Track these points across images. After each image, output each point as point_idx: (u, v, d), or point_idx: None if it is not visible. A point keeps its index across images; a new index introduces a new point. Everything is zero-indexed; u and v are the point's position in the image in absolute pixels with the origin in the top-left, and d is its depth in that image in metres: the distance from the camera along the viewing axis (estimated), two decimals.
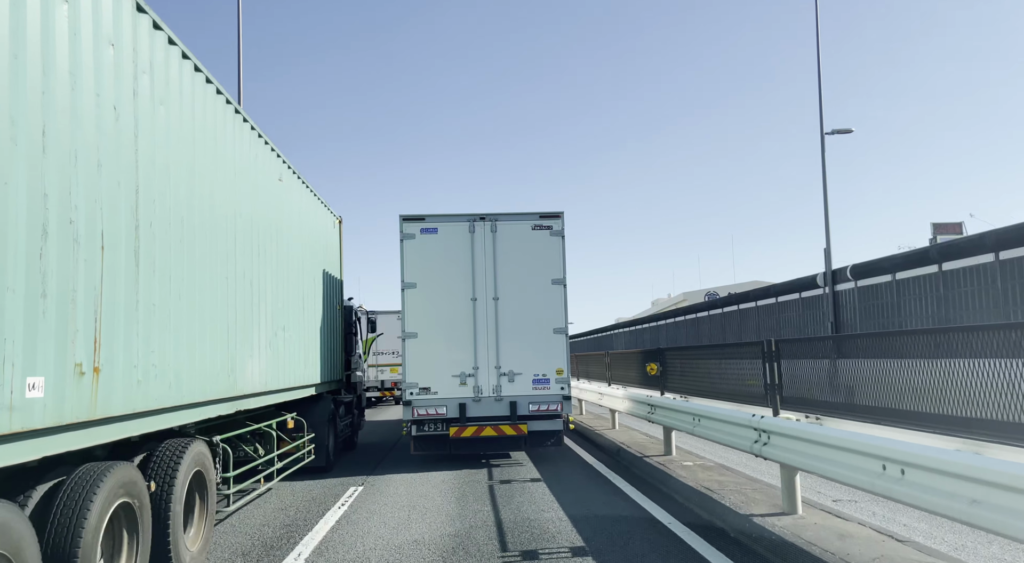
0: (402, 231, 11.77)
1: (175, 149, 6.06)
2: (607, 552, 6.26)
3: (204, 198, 6.72)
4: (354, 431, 14.61)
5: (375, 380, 25.90)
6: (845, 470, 5.27)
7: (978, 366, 4.56)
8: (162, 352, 5.63)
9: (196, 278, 6.42)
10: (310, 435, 10.93)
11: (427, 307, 11.66)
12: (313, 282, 11.41)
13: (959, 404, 4.73)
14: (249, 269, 8.07)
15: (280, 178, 9.68)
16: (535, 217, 11.83)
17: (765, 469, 9.76)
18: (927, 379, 5.29)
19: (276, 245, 9.27)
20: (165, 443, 6.03)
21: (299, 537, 7.22)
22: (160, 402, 5.59)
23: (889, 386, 5.51)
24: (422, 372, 11.53)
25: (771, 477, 9.12)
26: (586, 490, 9.24)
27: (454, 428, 11.32)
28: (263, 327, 8.55)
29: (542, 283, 11.68)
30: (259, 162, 8.69)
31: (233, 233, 7.55)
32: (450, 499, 8.89)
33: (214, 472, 7.04)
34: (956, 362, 4.77)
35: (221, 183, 7.24)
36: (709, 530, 6.87)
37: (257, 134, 8.65)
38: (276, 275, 9.20)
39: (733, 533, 6.68)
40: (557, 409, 11.46)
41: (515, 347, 11.62)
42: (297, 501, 9.08)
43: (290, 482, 10.44)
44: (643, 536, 6.74)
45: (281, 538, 7.24)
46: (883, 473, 4.72)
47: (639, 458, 10.74)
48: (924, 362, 5.71)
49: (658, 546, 6.41)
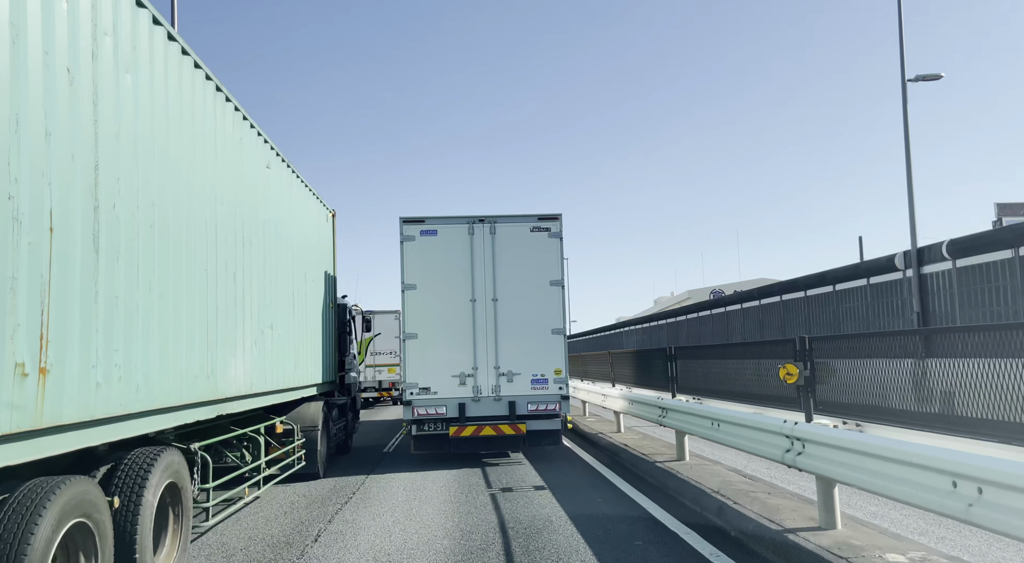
0: (402, 233, 11.80)
1: (144, 124, 5.41)
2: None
3: (180, 180, 6.07)
4: (348, 435, 13.96)
5: (373, 380, 25.65)
6: (904, 487, 4.61)
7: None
8: (128, 351, 4.98)
9: (170, 269, 5.77)
10: (300, 440, 10.28)
11: (427, 308, 11.70)
12: (304, 278, 10.76)
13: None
14: (232, 261, 7.42)
15: (268, 165, 9.04)
16: (533, 219, 11.91)
17: (789, 478, 9.15)
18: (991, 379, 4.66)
19: (263, 236, 8.62)
20: (134, 453, 5.38)
21: (282, 559, 6.57)
22: (125, 407, 4.95)
23: (982, 390, 4.80)
24: (422, 372, 11.56)
25: (795, 486, 8.52)
26: (605, 514, 8.61)
27: (454, 427, 11.38)
28: (248, 324, 7.91)
29: (540, 284, 11.76)
30: (244, 146, 8.04)
31: (214, 221, 6.91)
32: (450, 516, 8.25)
33: (191, 483, 6.39)
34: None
35: (200, 165, 6.59)
36: (737, 545, 6.25)
37: (242, 116, 8.01)
38: (263, 269, 8.56)
39: (765, 549, 6.06)
40: (555, 409, 11.55)
41: (514, 347, 11.69)
42: (284, 513, 8.42)
43: (281, 488, 9.78)
44: (658, 549, 6.12)
45: (263, 560, 6.59)
46: (953, 492, 4.09)
47: (648, 462, 10.14)
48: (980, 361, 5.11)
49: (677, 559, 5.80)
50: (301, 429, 10.43)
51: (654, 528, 7.07)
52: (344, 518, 7.99)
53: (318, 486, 10.17)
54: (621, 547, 6.39)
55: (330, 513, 8.27)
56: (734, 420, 7.71)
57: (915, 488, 4.40)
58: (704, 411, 8.79)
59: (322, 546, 6.84)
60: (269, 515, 8.27)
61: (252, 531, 7.56)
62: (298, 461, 10.09)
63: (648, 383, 12.64)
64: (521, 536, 6.91)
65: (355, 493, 9.51)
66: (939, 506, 4.24)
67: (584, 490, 9.19)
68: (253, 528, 7.69)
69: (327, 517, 8.07)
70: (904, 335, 6.05)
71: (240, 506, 8.17)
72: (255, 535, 7.39)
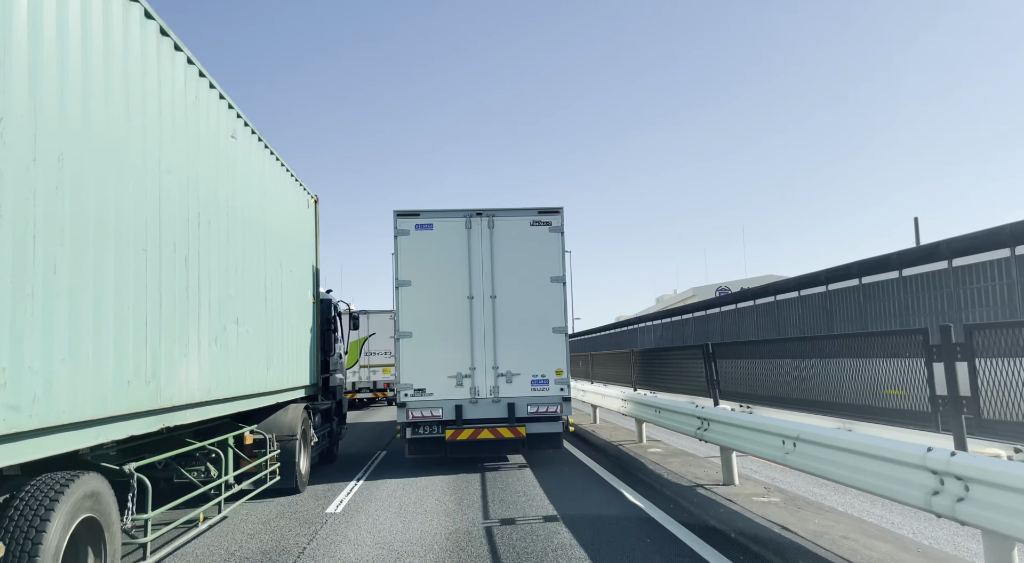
0: (396, 227, 11.24)
1: (48, 54, 4.17)
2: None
3: (107, 135, 4.83)
4: (333, 442, 12.71)
5: (367, 381, 25.63)
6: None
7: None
8: (15, 352, 3.75)
9: (89, 245, 4.54)
10: (276, 451, 9.04)
11: (422, 306, 11.15)
12: (279, 268, 9.51)
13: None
14: (183, 242, 6.18)
15: (233, 135, 7.79)
16: (533, 213, 11.41)
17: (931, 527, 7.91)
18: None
19: (226, 217, 7.38)
20: (35, 482, 4.16)
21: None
22: (12, 425, 3.72)
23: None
24: (417, 373, 11.03)
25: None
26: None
27: (450, 430, 10.84)
28: (206, 319, 6.67)
29: (541, 281, 11.25)
30: (201, 107, 6.80)
31: (156, 192, 5.66)
32: (445, 547, 7.02)
33: (123, 514, 5.16)
34: None
35: (138, 121, 5.35)
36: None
37: (198, 71, 6.75)
38: (226, 254, 7.32)
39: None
40: (556, 411, 11.04)
41: (513, 347, 11.16)
42: (249, 537, 7.17)
43: (255, 505, 8.53)
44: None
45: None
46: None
47: (688, 488, 8.82)
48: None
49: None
50: (277, 438, 9.21)
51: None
52: (319, 547, 6.75)
53: (296, 502, 8.92)
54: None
55: (302, 542, 7.02)
56: (824, 441, 6.03)
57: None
58: (771, 426, 6.98)
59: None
60: (232, 544, 7.01)
61: (209, 559, 6.33)
62: (272, 475, 8.86)
63: (678, 387, 11.19)
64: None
65: (339, 508, 8.26)
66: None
67: (610, 526, 7.96)
68: (210, 557, 6.44)
69: (299, 547, 6.82)
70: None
71: (193, 536, 6.92)
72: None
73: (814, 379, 6.91)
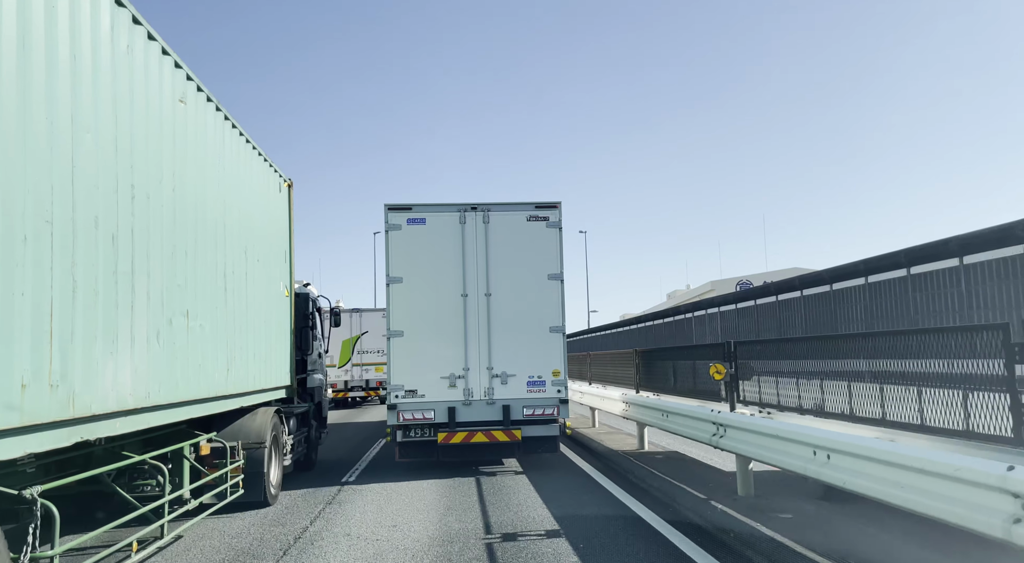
0: (387, 222, 10.85)
1: None
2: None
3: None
4: (312, 448, 11.69)
5: (360, 379, 25.67)
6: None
7: None
8: None
9: None
10: (240, 461, 8.04)
11: (414, 303, 10.77)
12: (244, 256, 8.47)
13: None
14: (111, 217, 5.16)
15: (182, 99, 6.75)
16: (530, 207, 11.00)
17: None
18: None
19: (172, 192, 6.35)
20: None
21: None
22: None
23: None
24: (408, 373, 10.63)
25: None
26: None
27: (443, 434, 10.43)
28: (144, 310, 5.64)
29: (538, 278, 10.87)
30: (137, 60, 5.75)
31: (69, 153, 4.64)
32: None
33: (23, 550, 4.15)
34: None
35: (39, 62, 4.33)
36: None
37: (131, 17, 5.69)
38: (171, 236, 6.28)
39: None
40: (553, 413, 10.66)
41: (509, 347, 10.77)
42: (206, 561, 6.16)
43: (215, 522, 7.52)
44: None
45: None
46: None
47: (702, 500, 7.83)
48: None
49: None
50: (243, 446, 8.22)
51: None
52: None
53: (266, 516, 7.91)
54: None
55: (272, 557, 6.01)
56: (862, 452, 5.11)
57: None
58: (800, 434, 6.13)
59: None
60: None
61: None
62: (235, 488, 7.85)
63: (688, 391, 10.26)
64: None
65: (311, 523, 7.25)
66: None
67: (615, 539, 6.98)
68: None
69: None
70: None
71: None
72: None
73: (860, 386, 5.89)
